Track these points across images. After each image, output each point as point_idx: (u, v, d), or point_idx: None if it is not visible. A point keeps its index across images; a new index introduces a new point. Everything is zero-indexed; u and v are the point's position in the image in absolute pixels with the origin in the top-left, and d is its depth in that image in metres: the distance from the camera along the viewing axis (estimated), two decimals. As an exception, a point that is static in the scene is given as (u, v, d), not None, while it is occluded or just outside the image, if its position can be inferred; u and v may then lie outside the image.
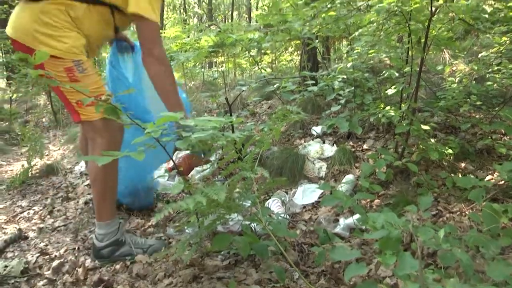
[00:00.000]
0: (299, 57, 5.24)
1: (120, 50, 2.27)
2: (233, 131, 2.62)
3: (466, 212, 1.98)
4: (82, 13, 1.78)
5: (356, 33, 2.59)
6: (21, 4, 1.81)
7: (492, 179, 2.26)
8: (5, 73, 8.72)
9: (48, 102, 7.13)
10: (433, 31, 2.51)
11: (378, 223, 1.15)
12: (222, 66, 7.13)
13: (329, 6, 2.28)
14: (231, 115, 2.70)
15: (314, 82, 2.74)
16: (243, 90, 2.69)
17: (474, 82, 3.16)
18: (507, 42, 2.89)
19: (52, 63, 1.73)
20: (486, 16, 2.41)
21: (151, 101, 2.20)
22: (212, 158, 2.75)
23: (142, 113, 2.07)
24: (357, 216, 1.95)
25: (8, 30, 1.80)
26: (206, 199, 1.15)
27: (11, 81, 8.06)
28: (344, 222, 2.07)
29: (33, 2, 1.74)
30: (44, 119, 7.04)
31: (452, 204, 2.08)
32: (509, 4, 2.40)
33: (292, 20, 2.67)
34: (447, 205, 2.09)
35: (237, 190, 1.54)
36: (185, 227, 2.06)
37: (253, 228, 1.94)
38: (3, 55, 8.53)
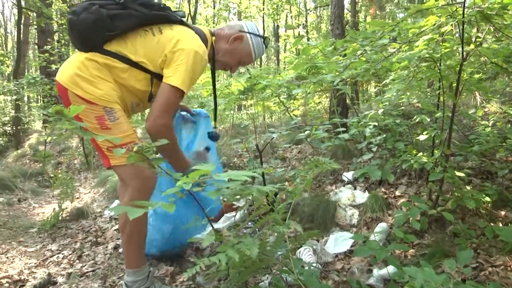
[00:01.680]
0: (328, 100, 5.28)
1: (183, 120, 2.49)
2: (263, 180, 2.63)
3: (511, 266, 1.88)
4: (123, 74, 1.90)
5: (387, 81, 2.60)
6: (75, 53, 1.97)
7: (535, 228, 2.16)
8: (42, 115, 9.15)
9: (80, 145, 7.38)
10: (464, 75, 2.50)
11: (417, 283, 1.11)
12: (251, 109, 7.24)
13: (359, 54, 2.31)
14: (261, 162, 2.72)
15: (344, 129, 2.75)
16: (273, 138, 2.71)
17: (509, 125, 3.09)
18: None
19: (84, 111, 1.79)
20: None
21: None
22: (242, 203, 2.75)
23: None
24: (391, 267, 1.89)
25: (57, 73, 1.94)
26: (238, 255, 1.15)
27: (46, 124, 8.42)
28: (378, 273, 2.01)
29: (82, 52, 1.90)
30: (75, 161, 7.25)
31: (494, 257, 1.97)
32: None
33: (325, 71, 2.72)
34: (489, 257, 1.98)
35: (269, 243, 1.52)
36: (216, 276, 2.05)
37: (284, 279, 1.91)
38: (42, 99, 8.96)
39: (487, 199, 2.26)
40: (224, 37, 2.11)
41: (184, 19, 2.04)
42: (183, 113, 2.52)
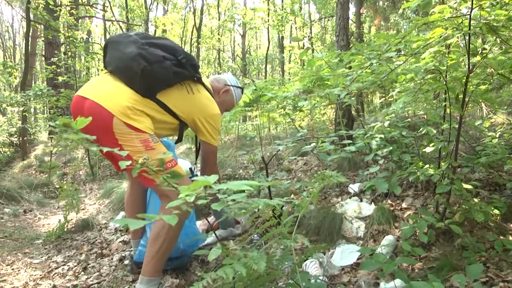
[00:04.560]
0: (333, 111, 5.27)
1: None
2: (269, 192, 2.62)
3: (523, 281, 1.85)
4: (160, 116, 2.14)
5: (394, 93, 2.60)
6: (114, 82, 2.10)
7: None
8: (48, 126, 9.21)
9: (85, 156, 7.40)
10: (470, 87, 2.49)
11: (426, 299, 1.09)
12: (256, 120, 7.24)
13: (366, 67, 2.31)
14: (267, 174, 2.71)
15: (350, 141, 2.74)
16: (279, 150, 2.71)
17: (516, 136, 3.07)
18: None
19: (128, 137, 1.98)
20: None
21: None
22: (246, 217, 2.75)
23: None
24: (399, 281, 1.87)
25: (91, 93, 2.03)
26: (245, 269, 1.14)
27: (52, 135, 8.47)
28: (385, 286, 1.99)
29: (136, 93, 2.08)
30: (81, 172, 7.27)
31: (505, 271, 1.92)
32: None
33: (330, 83, 2.73)
34: (499, 271, 1.94)
35: (276, 257, 1.51)
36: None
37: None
38: (48, 111, 9.03)
39: (496, 211, 2.24)
40: (216, 90, 2.55)
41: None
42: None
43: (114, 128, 1.95)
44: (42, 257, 3.06)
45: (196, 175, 2.60)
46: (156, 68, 2.03)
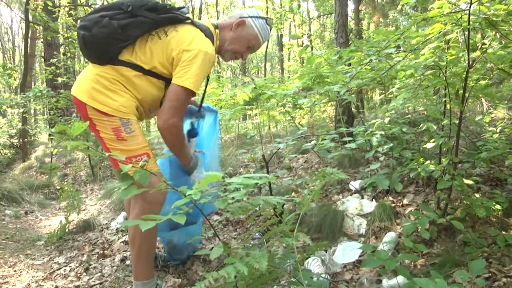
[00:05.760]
0: (333, 108, 5.27)
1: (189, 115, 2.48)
2: (270, 189, 2.62)
3: (525, 276, 1.84)
4: (137, 80, 1.92)
5: (393, 89, 2.59)
6: (87, 68, 2.00)
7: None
8: (48, 127, 9.21)
9: (86, 157, 7.39)
10: (470, 82, 2.49)
11: (428, 295, 1.09)
12: (256, 119, 7.24)
13: (365, 64, 2.31)
14: (268, 172, 2.71)
15: (351, 138, 2.74)
16: (279, 148, 2.70)
17: (517, 131, 3.06)
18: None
19: (102, 123, 1.87)
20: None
21: (211, 160, 2.44)
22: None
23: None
24: (401, 278, 1.87)
25: (73, 89, 1.97)
26: (247, 268, 1.14)
27: (52, 137, 8.46)
28: (388, 283, 1.98)
29: (96, 65, 1.92)
30: (81, 173, 7.26)
31: (508, 266, 1.92)
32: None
33: (330, 80, 2.73)
34: (502, 267, 1.93)
35: (278, 256, 1.51)
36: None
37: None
38: (48, 112, 9.03)
39: (498, 206, 2.23)
40: (227, 26, 2.13)
41: (190, 15, 2.02)
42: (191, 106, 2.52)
43: (90, 115, 1.89)
44: (44, 258, 3.06)
45: (197, 133, 2.48)
46: (95, 31, 1.83)
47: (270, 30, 2.23)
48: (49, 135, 9.88)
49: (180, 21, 2.00)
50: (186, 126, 2.52)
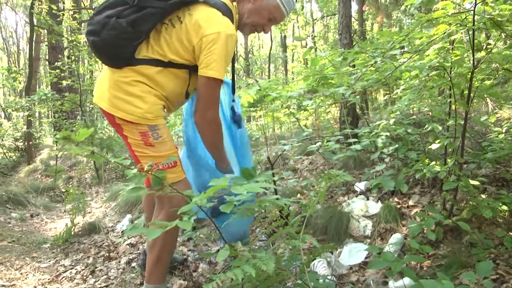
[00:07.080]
0: (337, 109, 5.26)
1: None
2: (275, 192, 2.62)
3: (534, 278, 1.83)
4: (159, 77, 1.83)
5: (398, 90, 2.59)
6: (104, 71, 1.92)
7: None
8: (53, 131, 9.26)
9: (90, 159, 7.41)
10: (476, 83, 2.48)
11: (436, 297, 1.09)
12: (260, 120, 7.23)
13: (370, 65, 2.31)
14: (273, 175, 2.71)
15: (356, 140, 2.74)
16: (284, 150, 2.70)
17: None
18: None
19: (129, 128, 1.82)
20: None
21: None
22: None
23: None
24: (407, 279, 1.86)
25: (94, 96, 1.92)
26: (255, 270, 1.14)
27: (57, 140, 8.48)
28: (394, 285, 1.98)
29: (114, 69, 1.84)
30: (86, 176, 7.29)
31: (516, 268, 1.93)
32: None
33: (334, 82, 2.72)
34: (509, 268, 1.92)
35: (285, 258, 1.51)
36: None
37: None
38: (53, 115, 9.07)
39: (504, 207, 2.22)
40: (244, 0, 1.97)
41: None
42: None
43: (117, 121, 1.83)
44: (50, 261, 3.07)
45: (238, 115, 2.35)
46: (104, 35, 1.74)
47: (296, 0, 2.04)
48: (55, 136, 9.93)
49: (192, 2, 1.85)
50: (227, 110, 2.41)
